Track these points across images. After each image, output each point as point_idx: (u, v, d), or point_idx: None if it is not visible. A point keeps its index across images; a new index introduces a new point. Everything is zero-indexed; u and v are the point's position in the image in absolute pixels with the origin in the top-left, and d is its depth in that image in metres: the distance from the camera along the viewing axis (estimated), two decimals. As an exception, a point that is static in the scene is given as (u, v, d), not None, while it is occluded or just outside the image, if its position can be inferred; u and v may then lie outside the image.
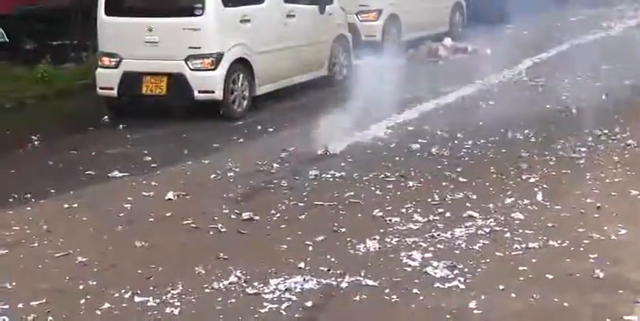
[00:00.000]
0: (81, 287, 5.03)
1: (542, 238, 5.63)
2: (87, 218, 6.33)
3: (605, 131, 8.52)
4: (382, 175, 7.17)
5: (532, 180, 6.97)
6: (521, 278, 5.02)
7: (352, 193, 6.72)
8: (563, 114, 9.48)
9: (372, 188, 6.87)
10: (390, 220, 6.08)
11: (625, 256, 5.31)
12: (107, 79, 9.73)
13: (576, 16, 18.94)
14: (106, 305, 4.75)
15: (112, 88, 9.71)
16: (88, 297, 4.87)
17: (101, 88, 9.83)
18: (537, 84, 11.33)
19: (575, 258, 5.30)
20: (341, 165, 7.53)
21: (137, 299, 4.83)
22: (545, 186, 6.79)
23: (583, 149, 7.90)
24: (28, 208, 6.62)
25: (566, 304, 4.62)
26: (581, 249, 5.44)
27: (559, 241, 5.57)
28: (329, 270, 5.18)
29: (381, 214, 6.22)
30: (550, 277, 5.01)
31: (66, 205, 6.60)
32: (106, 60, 9.75)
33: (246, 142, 8.62)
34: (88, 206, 6.60)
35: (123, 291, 4.93)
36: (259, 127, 9.19)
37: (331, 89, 10.97)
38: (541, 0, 19.55)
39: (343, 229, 5.93)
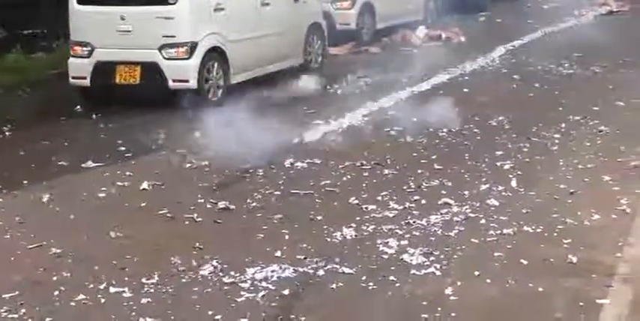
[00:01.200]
0: (55, 279, 4.99)
1: (517, 224, 5.67)
2: (60, 209, 6.28)
3: (577, 118, 8.58)
4: (358, 163, 7.17)
5: (506, 166, 7.01)
6: (497, 264, 5.04)
7: (328, 182, 6.72)
8: (536, 101, 9.53)
9: (348, 176, 6.88)
10: (366, 208, 6.08)
11: (598, 241, 5.36)
12: (80, 69, 9.64)
13: (549, 3, 19.03)
14: (81, 297, 4.71)
15: (84, 78, 9.62)
16: (62, 289, 4.83)
17: (73, 78, 9.74)
18: (511, 71, 11.37)
19: (549, 243, 5.33)
20: (316, 153, 7.52)
21: (112, 290, 4.80)
22: (519, 172, 6.83)
23: (556, 136, 7.95)
24: (0, 200, 6.55)
25: (540, 289, 4.66)
26: (555, 234, 5.48)
27: (533, 227, 5.60)
28: (305, 258, 5.17)
29: (356, 202, 6.22)
30: (525, 262, 5.04)
31: (39, 196, 6.54)
32: (78, 49, 9.66)
33: (221, 132, 8.58)
34: (61, 197, 6.54)
35: (98, 282, 4.89)
36: (235, 116, 9.14)
37: (306, 77, 10.94)
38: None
39: (319, 218, 5.92)
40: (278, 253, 5.26)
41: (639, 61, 11.64)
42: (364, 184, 6.65)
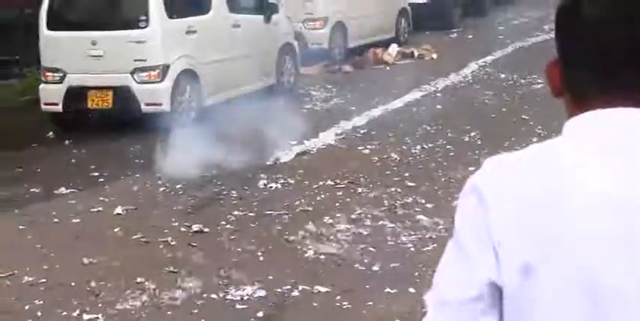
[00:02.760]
0: (27, 307, 4.94)
1: (491, 240, 5.68)
2: (32, 236, 6.22)
3: (549, 132, 8.64)
4: (331, 183, 7.18)
5: (480, 182, 7.03)
6: (471, 280, 5.05)
7: (302, 202, 6.72)
8: (509, 116, 9.60)
9: (322, 196, 6.88)
10: (340, 227, 6.09)
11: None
12: (51, 95, 9.61)
13: (519, 19, 19.23)
14: (54, 324, 4.68)
15: (56, 104, 9.58)
16: (37, 316, 4.79)
17: (45, 104, 9.69)
18: (483, 87, 11.46)
19: (523, 258, 5.35)
20: (290, 173, 7.53)
21: (86, 317, 4.77)
22: (492, 188, 6.85)
23: (529, 150, 8.00)
24: (-27, 228, 6.50)
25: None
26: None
27: (507, 242, 5.62)
28: (280, 279, 5.17)
29: (330, 221, 6.23)
30: (499, 277, 5.05)
31: (11, 224, 6.49)
32: (49, 75, 9.63)
33: (194, 154, 8.56)
34: (33, 224, 6.50)
35: (71, 309, 4.86)
36: (208, 138, 9.13)
37: (280, 97, 10.97)
38: (483, 5, 19.90)
39: (293, 238, 5.92)
40: (252, 275, 5.25)
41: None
42: (338, 204, 6.66)
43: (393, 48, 14.43)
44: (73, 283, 5.27)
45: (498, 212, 1.30)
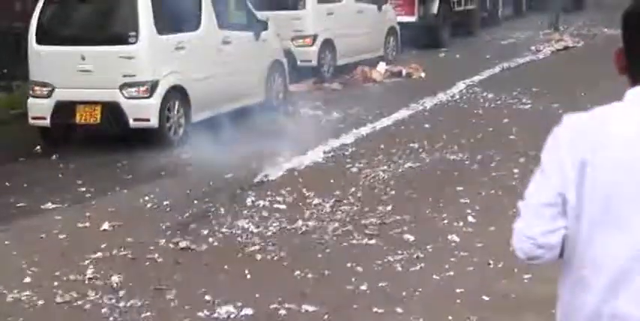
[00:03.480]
0: (12, 324, 4.91)
1: (478, 260, 5.70)
2: (17, 252, 6.18)
3: (536, 153, 8.66)
4: (319, 200, 7.18)
5: (467, 202, 7.06)
6: (458, 301, 5.06)
7: (290, 219, 6.71)
8: (495, 135, 9.65)
9: (310, 213, 6.88)
10: (328, 245, 6.08)
11: (558, 276, 5.38)
12: (39, 109, 9.58)
13: (506, 39, 19.37)
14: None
15: (44, 118, 9.56)
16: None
17: (33, 118, 9.67)
18: (471, 106, 11.51)
19: (510, 278, 5.37)
20: (279, 191, 7.52)
21: (71, 333, 4.74)
22: (479, 208, 6.88)
23: (516, 171, 8.03)
24: (-42, 243, 6.46)
25: (502, 325, 4.68)
26: (516, 270, 5.51)
27: (494, 263, 5.64)
28: (267, 297, 5.15)
29: (318, 239, 6.22)
30: (486, 298, 5.06)
31: (-3, 239, 6.45)
32: (37, 89, 9.61)
33: (182, 170, 8.57)
34: (19, 240, 6.46)
35: (57, 325, 4.83)
36: (196, 154, 9.14)
37: (268, 114, 10.99)
38: (472, 25, 20.05)
39: (281, 257, 5.91)
40: (240, 293, 5.24)
41: (596, 95, 11.84)
42: (325, 222, 6.65)
43: (382, 66, 14.49)
44: (58, 300, 5.23)
45: (568, 149, 2.05)
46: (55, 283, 5.52)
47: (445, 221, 6.55)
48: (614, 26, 21.15)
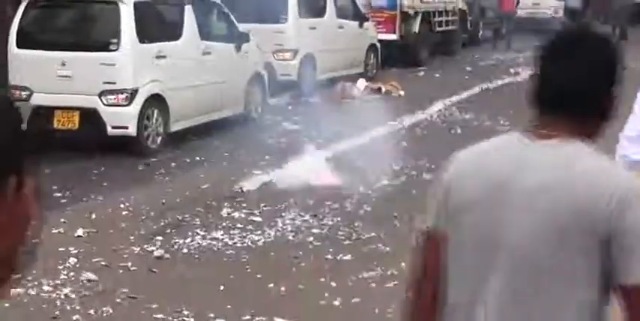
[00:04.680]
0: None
1: (451, 278, 5.72)
2: (-9, 255, 6.13)
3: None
4: (294, 215, 7.19)
5: (442, 220, 7.08)
6: (431, 318, 5.07)
7: (265, 232, 6.71)
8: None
9: (284, 227, 6.88)
10: (302, 260, 6.09)
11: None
12: (17, 113, 9.51)
13: (485, 60, 19.54)
14: (9, 346, 4.61)
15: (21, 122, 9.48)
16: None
17: (10, 122, 9.59)
18: (448, 126, 11.59)
19: (482, 298, 5.39)
20: (254, 204, 7.52)
21: (42, 340, 4.71)
22: (454, 226, 6.90)
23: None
24: None
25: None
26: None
27: (467, 282, 5.66)
28: (239, 309, 5.15)
29: (292, 254, 6.22)
30: (458, 317, 5.08)
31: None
32: (16, 93, 9.55)
33: (159, 179, 8.55)
34: (-8, 243, 6.40)
35: (27, 331, 4.80)
36: (173, 164, 9.13)
37: (246, 127, 11.00)
38: (452, 45, 20.22)
39: (255, 269, 5.91)
40: (212, 304, 5.22)
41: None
42: (299, 236, 6.66)
43: (361, 83, 14.55)
44: (29, 307, 5.20)
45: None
46: (26, 290, 5.47)
47: (420, 239, 6.57)
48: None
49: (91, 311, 5.11)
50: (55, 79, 9.36)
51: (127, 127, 9.28)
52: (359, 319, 5.03)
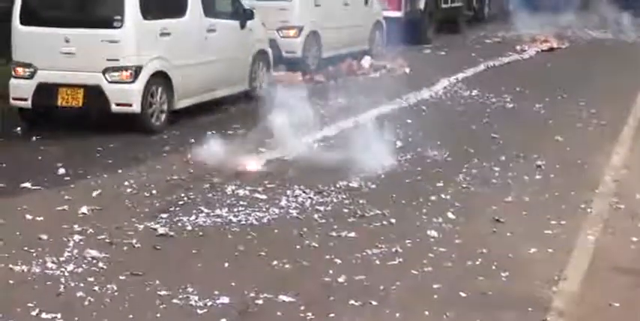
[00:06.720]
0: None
1: (456, 257, 5.72)
2: (-5, 232, 6.14)
3: (517, 152, 8.72)
4: (300, 191, 7.17)
5: (447, 199, 7.08)
6: (435, 296, 5.07)
7: (269, 211, 6.70)
8: (477, 134, 9.68)
9: (290, 205, 6.87)
10: (307, 238, 6.08)
11: (535, 275, 5.43)
12: (21, 90, 9.50)
13: (491, 38, 19.43)
14: (13, 322, 4.62)
15: (25, 99, 9.48)
16: (-5, 314, 4.73)
17: (14, 99, 9.59)
18: (453, 104, 11.54)
19: (487, 276, 5.39)
20: (259, 181, 7.50)
21: (44, 316, 4.71)
22: (458, 205, 6.90)
23: (496, 169, 8.07)
24: None
25: (477, 322, 4.70)
26: (494, 267, 5.54)
27: (472, 260, 5.66)
28: (244, 286, 5.14)
29: (297, 232, 6.21)
30: (463, 295, 5.08)
31: (-26, 219, 6.40)
32: (20, 70, 9.52)
33: (163, 157, 8.53)
34: (-4, 220, 6.41)
35: (31, 306, 4.80)
36: (178, 141, 9.11)
37: (251, 104, 10.96)
38: (458, 23, 20.09)
39: (259, 246, 5.90)
40: (217, 281, 5.22)
41: (578, 97, 11.91)
42: (304, 214, 6.64)
43: (367, 60, 14.49)
44: (35, 283, 5.20)
45: None
46: (32, 267, 5.47)
47: (424, 217, 6.57)
48: (601, 29, 21.36)
49: (95, 288, 5.10)
50: (58, 56, 9.32)
51: (130, 105, 9.25)
52: (363, 296, 5.02)
